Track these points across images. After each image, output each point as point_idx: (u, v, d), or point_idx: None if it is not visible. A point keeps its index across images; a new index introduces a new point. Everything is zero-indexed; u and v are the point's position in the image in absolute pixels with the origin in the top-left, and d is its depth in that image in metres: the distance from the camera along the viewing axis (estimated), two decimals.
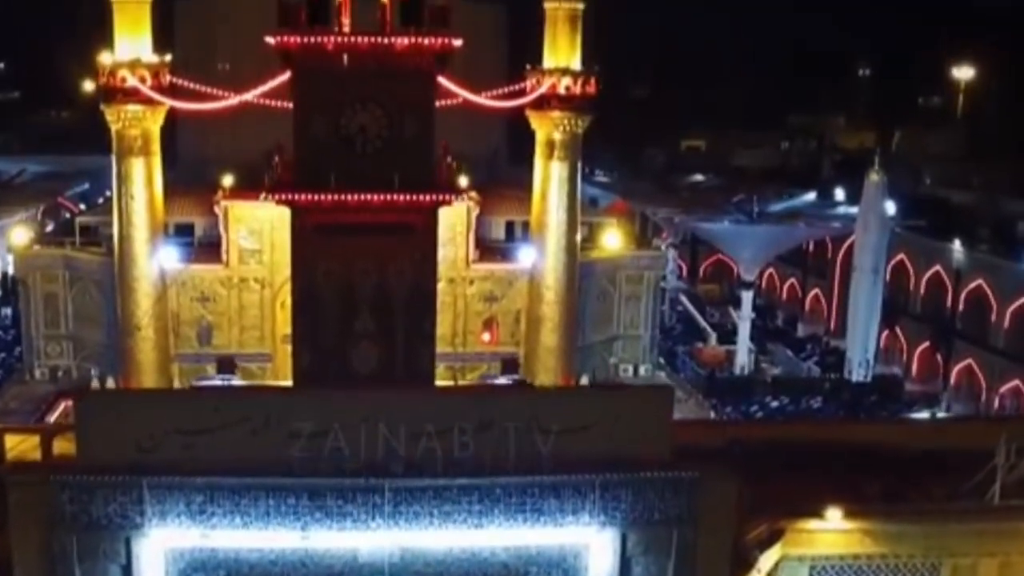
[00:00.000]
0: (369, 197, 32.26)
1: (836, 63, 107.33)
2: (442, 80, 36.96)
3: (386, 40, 31.85)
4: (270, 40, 32.02)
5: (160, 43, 50.63)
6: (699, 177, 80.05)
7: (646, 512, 27.15)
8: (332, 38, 31.70)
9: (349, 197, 32.22)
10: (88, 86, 68.86)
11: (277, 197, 32.79)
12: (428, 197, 32.82)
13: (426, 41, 31.79)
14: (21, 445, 31.35)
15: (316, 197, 32.32)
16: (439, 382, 37.43)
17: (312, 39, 31.49)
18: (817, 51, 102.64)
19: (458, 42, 32.16)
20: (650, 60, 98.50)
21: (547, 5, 52.63)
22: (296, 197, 32.58)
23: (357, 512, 26.41)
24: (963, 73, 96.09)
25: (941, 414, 54.54)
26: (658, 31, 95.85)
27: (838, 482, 32.39)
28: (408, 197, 32.48)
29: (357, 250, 33.05)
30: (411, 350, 33.51)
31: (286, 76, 35.93)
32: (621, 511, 27.07)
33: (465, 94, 44.16)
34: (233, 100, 41.59)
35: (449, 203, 33.75)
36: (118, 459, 25.90)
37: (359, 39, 31.73)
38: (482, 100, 44.74)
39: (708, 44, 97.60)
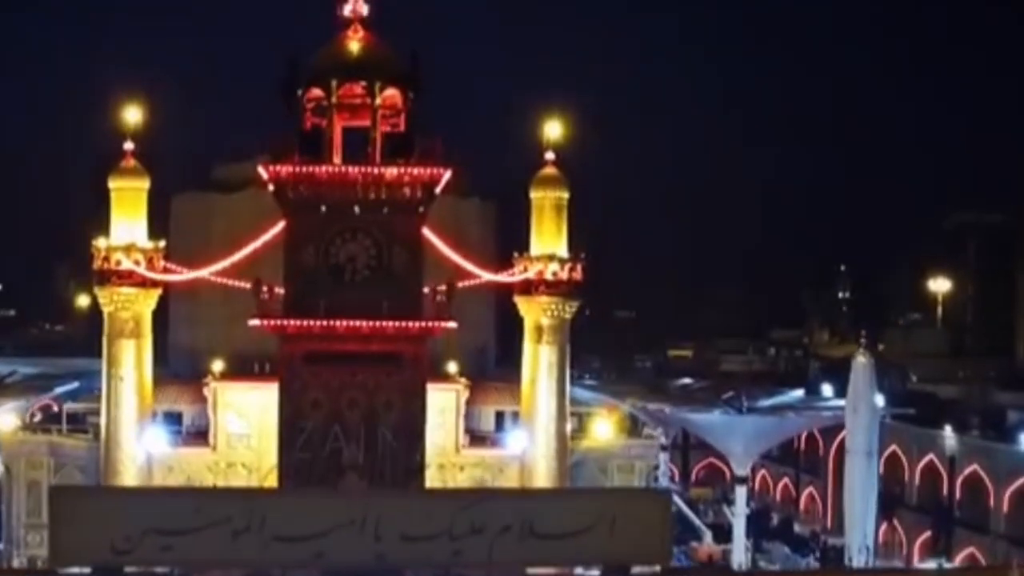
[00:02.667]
0: (358, 324, 32.48)
1: (817, 282, 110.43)
2: (426, 233, 37.67)
3: (376, 170, 32.91)
4: (263, 171, 33.05)
5: (155, 235, 51.87)
6: (687, 380, 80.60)
7: None
8: (323, 168, 32.75)
9: (338, 324, 32.44)
10: (82, 301, 69.87)
11: (267, 324, 32.93)
12: (417, 325, 33.00)
13: (415, 171, 32.81)
14: None
15: (305, 324, 32.49)
16: None
17: (303, 169, 32.50)
18: (798, 268, 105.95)
19: (447, 174, 33.22)
20: (633, 283, 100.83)
21: (533, 195, 54.24)
22: (285, 324, 32.74)
23: None
24: (939, 286, 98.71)
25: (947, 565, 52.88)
26: (639, 251, 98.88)
27: None
28: (397, 325, 32.67)
29: (345, 380, 33.07)
30: (399, 483, 32.84)
31: (279, 227, 36.74)
32: None
33: (458, 259, 44.39)
34: (225, 263, 42.29)
35: (438, 332, 33.92)
36: (92, 561, 24.94)
37: (349, 169, 32.79)
38: (472, 267, 45.26)
39: (691, 260, 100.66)
